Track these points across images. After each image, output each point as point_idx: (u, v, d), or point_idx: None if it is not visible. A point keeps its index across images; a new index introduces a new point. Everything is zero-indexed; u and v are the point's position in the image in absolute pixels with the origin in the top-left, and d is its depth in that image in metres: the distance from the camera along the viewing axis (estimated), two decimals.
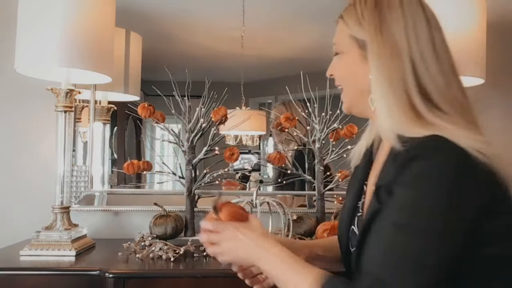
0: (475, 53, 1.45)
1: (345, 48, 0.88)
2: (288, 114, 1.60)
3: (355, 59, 0.86)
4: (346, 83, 0.90)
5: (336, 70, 0.92)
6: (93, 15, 1.36)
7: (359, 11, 0.84)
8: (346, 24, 0.87)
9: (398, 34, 0.80)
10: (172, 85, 1.56)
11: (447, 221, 0.68)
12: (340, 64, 0.90)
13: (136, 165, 1.54)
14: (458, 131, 0.72)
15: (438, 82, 0.78)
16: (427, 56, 0.80)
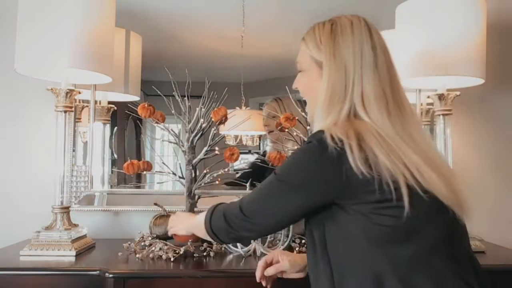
0: (475, 53, 1.45)
1: (306, 67, 1.04)
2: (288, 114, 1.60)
3: (314, 76, 1.01)
4: (308, 96, 1.06)
5: (299, 85, 1.08)
6: (93, 15, 1.36)
7: (318, 36, 1.01)
8: (307, 47, 1.03)
9: (347, 57, 0.96)
10: (172, 85, 1.56)
11: (292, 183, 0.92)
12: (303, 80, 1.06)
13: (136, 165, 1.54)
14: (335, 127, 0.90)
15: (370, 95, 0.93)
16: (368, 74, 0.95)
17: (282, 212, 0.94)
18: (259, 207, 0.96)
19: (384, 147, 0.86)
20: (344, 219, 0.89)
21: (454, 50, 1.43)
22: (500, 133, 1.87)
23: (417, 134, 0.93)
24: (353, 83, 0.94)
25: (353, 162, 0.84)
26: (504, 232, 1.79)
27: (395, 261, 0.85)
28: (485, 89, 1.71)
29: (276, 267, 1.11)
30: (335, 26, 0.99)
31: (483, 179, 1.85)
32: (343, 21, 0.99)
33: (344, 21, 0.99)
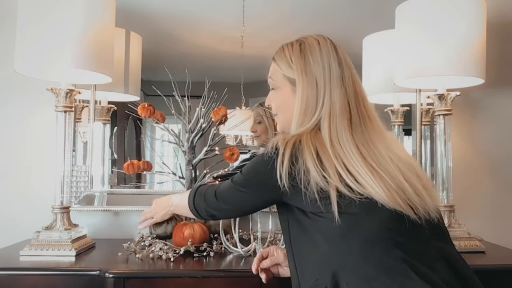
0: (475, 53, 1.45)
1: (279, 84, 1.10)
2: None
3: (287, 93, 1.08)
4: (282, 111, 1.12)
5: (272, 101, 1.13)
6: (93, 15, 1.36)
7: (288, 55, 1.08)
8: (278, 66, 1.09)
9: (317, 73, 1.03)
10: (172, 85, 1.56)
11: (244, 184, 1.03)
12: (276, 97, 1.12)
13: (136, 165, 1.54)
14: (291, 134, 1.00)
15: (337, 106, 1.01)
16: (335, 89, 1.02)
17: (243, 204, 1.06)
18: (227, 196, 1.07)
19: (321, 160, 0.92)
20: (299, 215, 0.98)
21: (454, 50, 1.43)
22: (500, 133, 1.87)
23: (379, 142, 0.99)
24: (323, 96, 1.02)
25: (278, 172, 0.93)
26: (504, 232, 1.79)
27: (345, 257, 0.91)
28: (485, 89, 1.72)
29: (271, 260, 1.16)
30: (304, 46, 1.07)
31: (483, 179, 1.85)
32: (310, 40, 1.07)
33: (311, 40, 1.07)
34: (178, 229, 1.44)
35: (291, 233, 1.02)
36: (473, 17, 1.46)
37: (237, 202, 1.07)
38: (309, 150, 0.94)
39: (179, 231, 1.43)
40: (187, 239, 1.40)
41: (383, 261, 0.88)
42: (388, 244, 0.89)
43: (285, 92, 1.09)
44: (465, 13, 1.45)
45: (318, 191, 0.91)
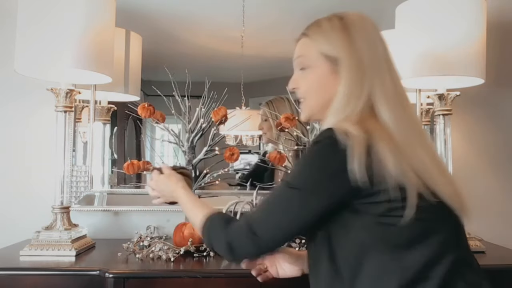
0: (475, 53, 1.45)
1: (312, 63, 0.98)
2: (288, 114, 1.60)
3: (324, 73, 0.96)
4: (313, 94, 0.98)
5: (303, 83, 1.00)
6: (93, 15, 1.36)
7: (327, 30, 0.96)
8: (314, 41, 0.97)
9: (363, 52, 0.93)
10: (172, 85, 1.56)
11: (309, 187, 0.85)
12: (307, 78, 0.99)
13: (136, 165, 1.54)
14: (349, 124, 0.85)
15: (388, 89, 0.91)
16: (381, 72, 0.92)
17: (294, 224, 0.86)
18: (269, 221, 0.87)
19: (393, 151, 0.82)
20: (351, 219, 0.85)
21: (454, 50, 1.43)
22: (500, 133, 1.87)
23: (423, 134, 0.93)
24: (370, 80, 0.90)
25: (356, 163, 0.79)
26: (504, 232, 1.79)
27: (404, 265, 0.82)
28: (485, 89, 1.71)
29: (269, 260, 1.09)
30: (346, 21, 0.95)
31: (483, 179, 1.85)
32: (351, 16, 0.96)
33: (352, 16, 0.96)
34: (178, 229, 1.44)
35: (335, 239, 0.87)
36: (473, 17, 1.46)
37: (295, 212, 0.85)
38: (383, 140, 0.82)
39: (179, 231, 1.43)
40: (187, 239, 1.40)
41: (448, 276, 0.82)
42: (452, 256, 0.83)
43: (320, 72, 0.96)
44: (465, 13, 1.45)
45: (394, 189, 0.80)
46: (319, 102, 0.97)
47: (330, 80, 0.95)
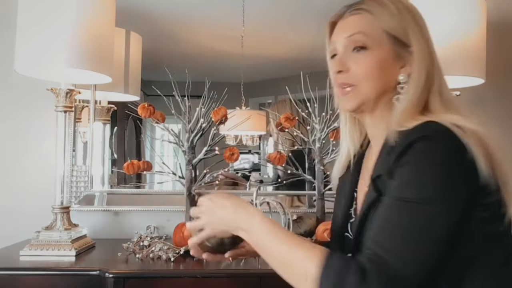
0: (475, 53, 1.45)
1: (374, 43, 0.84)
2: (288, 114, 1.60)
3: (387, 56, 0.84)
4: (369, 80, 0.84)
5: (356, 66, 0.85)
6: (93, 15, 1.36)
7: (394, 10, 0.85)
8: (378, 18, 0.85)
9: (430, 43, 0.87)
10: (172, 85, 1.56)
11: (448, 196, 0.70)
12: (365, 60, 0.84)
13: (136, 165, 1.54)
14: (450, 116, 0.78)
15: (444, 88, 0.87)
16: (437, 61, 0.88)
17: (437, 245, 0.69)
18: (414, 254, 0.68)
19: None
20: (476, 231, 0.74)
21: (454, 50, 1.43)
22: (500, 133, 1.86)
23: None
24: (438, 69, 0.85)
25: (482, 161, 0.71)
26: None
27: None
28: (485, 89, 1.71)
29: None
30: (407, 4, 0.87)
31: None
32: (408, 1, 0.89)
33: (410, 2, 0.89)
34: (178, 229, 1.44)
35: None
36: (473, 17, 1.46)
37: (438, 232, 0.69)
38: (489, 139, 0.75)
39: (179, 231, 1.43)
40: (187, 239, 1.39)
41: None
42: None
43: (383, 55, 0.84)
44: (464, 13, 1.45)
45: (498, 191, 0.74)
46: (376, 90, 0.85)
47: (392, 65, 0.84)
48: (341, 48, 0.88)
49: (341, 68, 0.86)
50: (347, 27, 0.87)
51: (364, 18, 0.86)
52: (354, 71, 0.85)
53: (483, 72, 1.48)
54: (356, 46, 0.85)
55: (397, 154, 0.74)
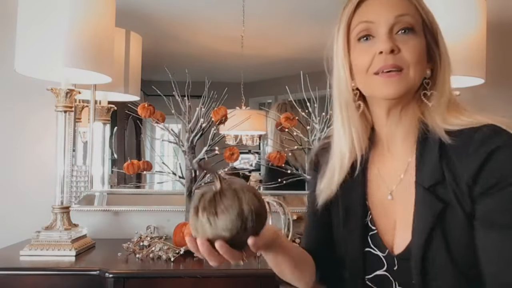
0: (475, 53, 1.45)
1: (418, 29, 0.80)
2: (288, 114, 1.60)
3: (423, 43, 0.81)
4: (417, 66, 0.79)
5: (406, 48, 0.78)
6: (93, 15, 1.36)
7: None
8: (419, 4, 0.81)
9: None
10: (172, 85, 1.56)
11: None
12: (414, 44, 0.79)
13: (136, 165, 1.54)
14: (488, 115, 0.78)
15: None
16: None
17: None
18: None
19: None
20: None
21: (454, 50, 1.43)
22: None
23: None
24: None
25: None
26: None
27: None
28: (485, 89, 1.71)
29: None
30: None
31: None
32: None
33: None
34: (178, 229, 1.44)
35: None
36: (473, 17, 1.46)
37: None
38: None
39: (179, 231, 1.43)
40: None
41: None
42: None
43: (424, 43, 0.81)
44: (464, 13, 1.45)
45: None
46: (420, 78, 0.80)
47: (425, 54, 0.81)
48: (385, 27, 0.78)
49: (392, 48, 0.77)
50: (395, 5, 0.80)
51: (407, 3, 0.81)
52: (404, 52, 0.78)
53: (483, 72, 1.48)
54: (404, 27, 0.79)
55: (479, 164, 0.71)
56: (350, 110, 0.85)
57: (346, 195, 0.87)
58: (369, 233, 0.85)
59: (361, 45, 0.82)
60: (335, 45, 0.86)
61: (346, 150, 0.86)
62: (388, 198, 0.84)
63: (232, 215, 0.67)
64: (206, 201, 0.69)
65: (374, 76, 0.79)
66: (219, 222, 0.67)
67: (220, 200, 0.68)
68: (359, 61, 0.81)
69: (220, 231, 0.67)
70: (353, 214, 0.86)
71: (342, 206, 0.88)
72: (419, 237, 0.75)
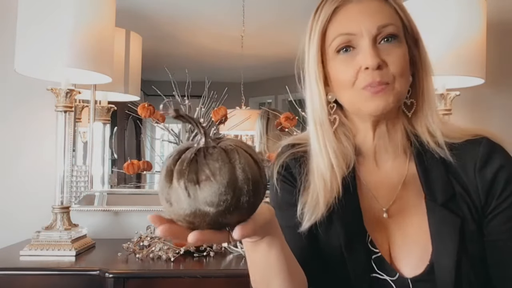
0: (475, 53, 1.45)
1: (400, 34, 0.75)
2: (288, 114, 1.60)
3: (406, 49, 0.76)
4: (404, 77, 0.74)
5: (395, 58, 0.73)
6: (93, 15, 1.36)
7: (401, 3, 0.78)
8: (400, 8, 0.77)
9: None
10: (172, 85, 1.56)
11: None
12: (400, 52, 0.74)
13: (136, 165, 1.54)
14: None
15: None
16: None
17: None
18: None
19: None
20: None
21: (454, 50, 1.43)
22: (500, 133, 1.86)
23: None
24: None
25: None
26: None
27: None
28: (485, 89, 1.71)
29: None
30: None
31: None
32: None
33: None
34: None
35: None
36: (473, 16, 1.46)
37: None
38: None
39: None
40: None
41: None
42: None
43: (405, 48, 0.76)
44: (464, 13, 1.45)
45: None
46: (405, 89, 0.76)
47: (408, 65, 0.76)
48: (368, 39, 0.73)
49: (379, 62, 0.72)
50: (376, 12, 0.74)
51: (388, 9, 0.75)
52: (392, 63, 0.73)
53: (483, 72, 1.48)
54: (388, 36, 0.74)
55: (488, 183, 0.74)
56: (325, 127, 0.79)
57: (340, 214, 0.77)
58: (372, 256, 0.76)
59: (341, 57, 0.76)
60: (307, 56, 0.80)
61: (324, 168, 0.77)
62: (384, 216, 0.78)
63: (220, 184, 0.49)
64: (184, 162, 0.51)
65: (361, 91, 0.74)
66: (200, 193, 0.49)
67: (204, 162, 0.50)
68: (342, 75, 0.76)
69: (202, 205, 0.49)
70: (353, 234, 0.76)
71: (339, 226, 0.77)
72: (448, 258, 0.71)
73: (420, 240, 0.74)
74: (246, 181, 0.50)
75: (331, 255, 0.77)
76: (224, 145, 0.52)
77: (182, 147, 0.54)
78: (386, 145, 0.80)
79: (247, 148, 0.53)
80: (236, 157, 0.50)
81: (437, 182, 0.75)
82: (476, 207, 0.73)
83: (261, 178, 0.52)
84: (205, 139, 0.52)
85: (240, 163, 0.50)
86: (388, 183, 0.79)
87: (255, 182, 0.51)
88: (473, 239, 0.72)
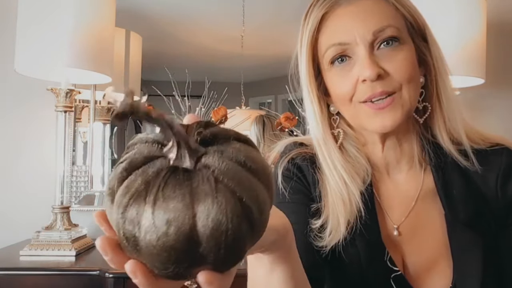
0: (475, 53, 1.45)
1: (403, 34, 0.66)
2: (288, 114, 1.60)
3: (412, 50, 0.67)
4: (412, 84, 0.65)
5: (398, 64, 0.65)
6: (93, 15, 1.36)
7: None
8: (400, 3, 0.68)
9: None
10: (172, 85, 1.56)
11: None
12: (404, 56, 0.65)
13: None
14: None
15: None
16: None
17: None
18: None
19: None
20: None
21: (454, 50, 1.43)
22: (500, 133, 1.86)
23: None
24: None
25: None
26: None
27: None
28: (485, 89, 1.71)
29: None
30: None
31: None
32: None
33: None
34: None
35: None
36: (473, 17, 1.46)
37: None
38: None
39: None
40: None
41: None
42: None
43: (412, 51, 0.67)
44: (464, 13, 1.45)
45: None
46: (415, 97, 0.66)
47: (417, 66, 0.67)
48: (363, 47, 0.65)
49: (378, 72, 0.63)
50: (371, 15, 0.65)
51: (385, 8, 0.67)
52: (392, 74, 0.64)
53: (483, 72, 1.48)
54: (387, 39, 0.65)
55: (510, 198, 0.69)
56: (328, 145, 0.71)
57: (360, 231, 0.69)
58: (391, 275, 0.68)
59: (336, 68, 0.68)
60: (300, 66, 0.72)
61: (338, 186, 0.69)
62: (395, 234, 0.70)
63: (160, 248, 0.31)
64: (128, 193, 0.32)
65: (361, 105, 0.66)
66: (143, 249, 0.32)
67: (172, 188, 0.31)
68: (338, 89, 0.68)
69: (149, 263, 0.33)
70: (374, 251, 0.69)
71: (360, 242, 0.69)
72: (472, 280, 0.65)
73: (439, 259, 0.69)
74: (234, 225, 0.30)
75: (348, 272, 0.70)
76: (212, 164, 0.31)
77: (140, 156, 0.35)
78: (398, 156, 0.73)
79: (252, 160, 0.33)
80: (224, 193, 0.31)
81: (459, 198, 0.68)
82: (495, 219, 0.69)
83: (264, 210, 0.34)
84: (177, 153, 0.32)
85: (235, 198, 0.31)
86: (401, 196, 0.72)
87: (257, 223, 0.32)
88: (494, 253, 0.68)
